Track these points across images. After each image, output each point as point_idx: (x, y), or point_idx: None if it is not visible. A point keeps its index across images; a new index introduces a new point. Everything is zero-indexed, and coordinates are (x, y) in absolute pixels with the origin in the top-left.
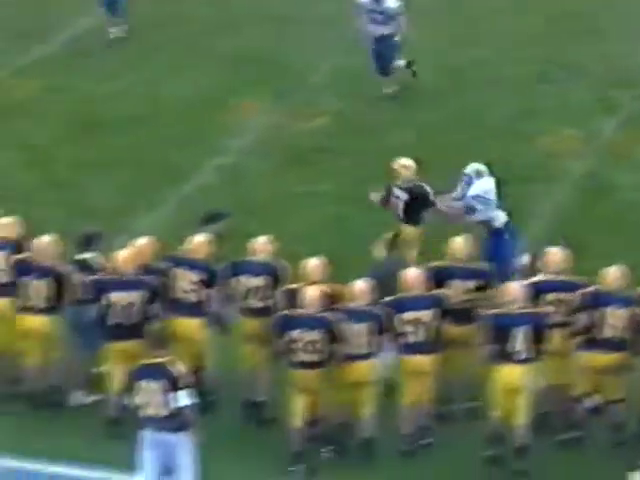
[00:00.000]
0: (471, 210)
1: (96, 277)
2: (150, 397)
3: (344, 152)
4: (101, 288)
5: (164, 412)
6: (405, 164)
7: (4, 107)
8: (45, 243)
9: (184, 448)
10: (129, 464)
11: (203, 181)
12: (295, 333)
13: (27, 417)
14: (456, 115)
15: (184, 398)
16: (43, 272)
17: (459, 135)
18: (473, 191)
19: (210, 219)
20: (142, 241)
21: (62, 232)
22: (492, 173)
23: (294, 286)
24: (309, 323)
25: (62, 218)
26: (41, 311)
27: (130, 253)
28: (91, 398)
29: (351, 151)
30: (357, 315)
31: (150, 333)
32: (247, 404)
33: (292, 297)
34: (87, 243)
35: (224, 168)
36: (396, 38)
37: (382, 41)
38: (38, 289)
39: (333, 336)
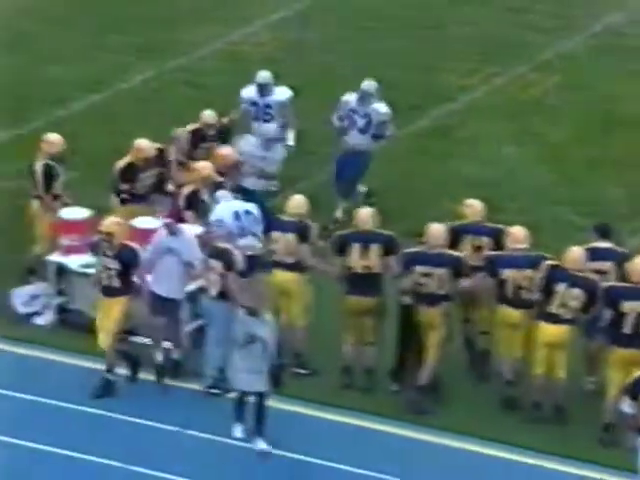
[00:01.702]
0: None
1: (611, 284)
2: None
3: None
4: (617, 296)
5: None
6: None
7: (521, 102)
8: (578, 253)
9: None
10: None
11: None
12: None
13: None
14: None
15: None
16: (574, 281)
17: None
18: (212, 216)
19: None
20: None
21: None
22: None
23: None
24: None
25: (572, 216)
26: (565, 321)
27: None
28: None
29: None
30: None
31: None
32: None
33: None
34: (603, 234)
35: None
36: None
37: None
38: None
39: None
